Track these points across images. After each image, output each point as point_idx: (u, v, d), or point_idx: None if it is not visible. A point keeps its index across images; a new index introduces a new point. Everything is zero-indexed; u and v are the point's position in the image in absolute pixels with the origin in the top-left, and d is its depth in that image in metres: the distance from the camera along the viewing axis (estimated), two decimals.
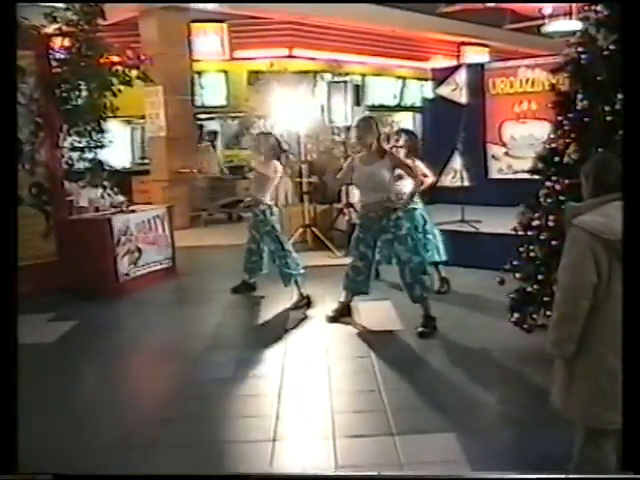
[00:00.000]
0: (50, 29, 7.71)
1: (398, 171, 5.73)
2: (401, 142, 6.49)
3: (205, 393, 4.49)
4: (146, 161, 13.83)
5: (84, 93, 7.76)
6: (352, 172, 5.68)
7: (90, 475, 3.28)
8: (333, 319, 5.90)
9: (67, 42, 7.74)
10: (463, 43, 18.26)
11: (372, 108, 14.71)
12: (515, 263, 4.80)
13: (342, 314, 5.92)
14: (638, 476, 2.28)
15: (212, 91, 14.52)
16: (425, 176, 6.47)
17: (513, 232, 4.88)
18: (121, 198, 7.90)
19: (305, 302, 6.51)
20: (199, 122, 14.28)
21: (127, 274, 7.43)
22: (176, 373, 4.95)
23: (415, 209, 6.49)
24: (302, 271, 6.62)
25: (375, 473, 3.27)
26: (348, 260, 5.91)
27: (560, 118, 4.67)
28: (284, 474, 3.43)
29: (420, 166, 6.46)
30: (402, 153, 6.35)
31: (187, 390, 4.58)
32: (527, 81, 9.62)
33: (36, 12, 7.50)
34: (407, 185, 6.02)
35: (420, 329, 5.43)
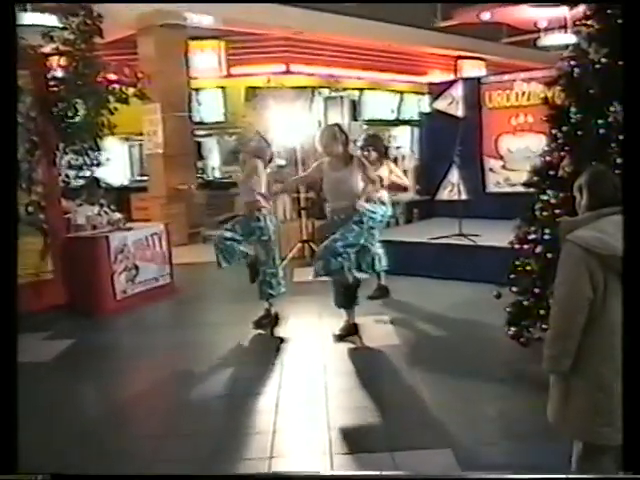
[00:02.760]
0: (47, 48, 7.76)
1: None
2: (371, 149, 6.71)
3: (202, 410, 4.47)
4: (144, 178, 13.86)
5: (81, 111, 7.79)
6: (320, 177, 5.73)
7: (90, 475, 3.25)
8: (339, 338, 5.79)
9: (64, 61, 7.78)
10: (460, 57, 18.37)
11: (370, 122, 14.76)
12: (512, 277, 4.79)
13: (348, 333, 5.81)
14: (638, 476, 2.26)
15: (210, 107, 14.58)
16: (399, 178, 6.84)
17: (510, 246, 4.88)
18: (118, 215, 7.89)
19: (270, 320, 6.23)
20: (196, 139, 14.32)
21: (124, 291, 7.41)
22: (173, 390, 4.93)
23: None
24: (283, 290, 6.36)
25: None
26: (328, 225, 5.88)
27: (554, 131, 4.68)
28: (284, 474, 3.40)
29: (395, 170, 6.79)
30: (373, 157, 6.64)
31: (184, 407, 4.55)
32: (523, 94, 9.64)
33: (34, 32, 7.54)
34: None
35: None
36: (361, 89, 15.98)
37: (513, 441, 3.84)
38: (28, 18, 7.28)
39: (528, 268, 4.60)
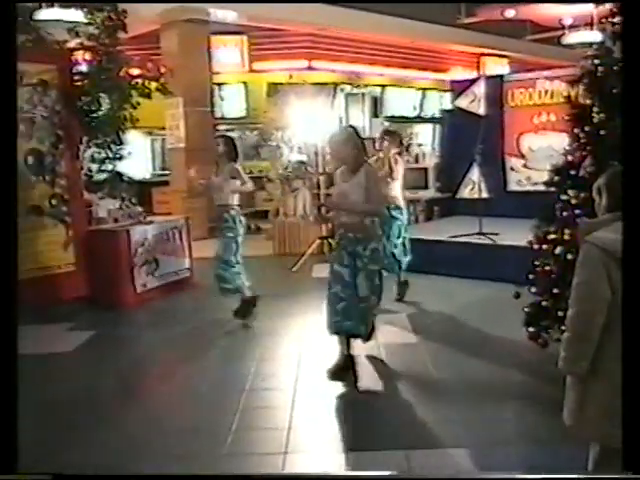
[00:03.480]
0: (72, 43, 7.85)
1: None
2: (385, 144, 6.61)
3: (219, 404, 4.50)
4: (166, 172, 13.95)
5: (104, 105, 7.87)
6: None
7: (90, 475, 3.29)
8: (331, 375, 4.80)
9: (88, 56, 7.87)
10: (483, 54, 18.23)
11: (391, 119, 14.73)
12: (531, 277, 4.76)
13: (343, 367, 4.81)
14: (638, 476, 2.25)
15: (231, 103, 14.63)
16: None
17: (529, 245, 4.85)
18: (139, 209, 7.97)
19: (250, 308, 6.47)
20: (218, 133, 14.37)
21: (145, 285, 7.48)
22: (189, 384, 4.97)
23: (395, 219, 6.60)
24: (246, 285, 6.51)
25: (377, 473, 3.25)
26: (331, 259, 5.04)
27: (576, 131, 4.64)
28: (284, 474, 3.42)
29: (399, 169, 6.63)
30: (388, 150, 6.55)
31: (200, 401, 4.59)
32: (546, 93, 9.56)
33: (60, 27, 7.63)
34: (396, 188, 6.32)
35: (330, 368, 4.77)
36: (383, 86, 15.94)
37: (529, 443, 3.82)
38: (54, 14, 7.36)
39: (547, 268, 4.57)
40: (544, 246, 4.65)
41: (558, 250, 4.47)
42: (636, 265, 2.36)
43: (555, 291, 4.46)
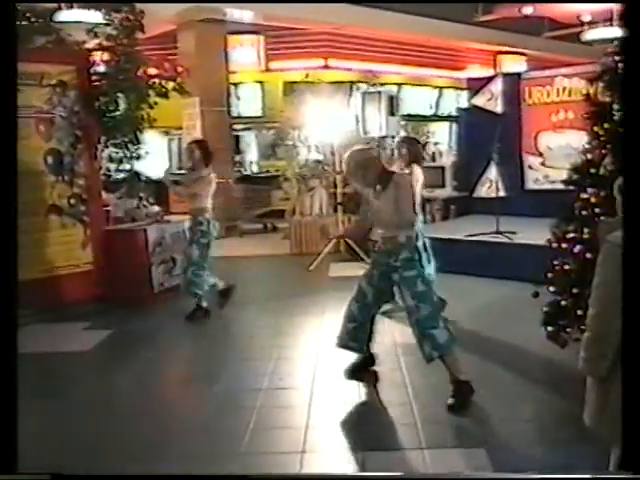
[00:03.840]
0: (91, 44, 7.90)
1: None
2: (404, 151, 6.33)
3: (235, 403, 4.51)
4: (183, 171, 14.01)
5: (122, 105, 7.92)
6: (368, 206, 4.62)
7: (90, 475, 3.31)
8: (349, 374, 4.74)
9: (107, 56, 7.91)
10: (500, 52, 18.14)
11: (408, 118, 14.69)
12: (549, 276, 4.72)
13: (362, 368, 4.75)
14: (638, 476, 2.23)
15: (248, 102, 14.70)
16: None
17: (547, 244, 4.81)
18: (157, 208, 8.01)
19: (204, 313, 6.54)
20: (235, 133, 14.43)
21: (162, 284, 7.52)
22: (207, 383, 4.98)
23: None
24: (206, 287, 6.58)
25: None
26: (362, 276, 4.75)
27: (596, 129, 4.59)
28: (284, 474, 3.42)
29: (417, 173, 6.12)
30: (405, 158, 6.20)
31: (217, 400, 4.61)
32: (564, 90, 9.48)
33: (79, 28, 7.71)
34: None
35: (449, 401, 4.27)
36: (399, 84, 15.91)
37: (547, 443, 3.79)
38: (74, 15, 7.42)
39: (566, 267, 4.53)
40: (563, 245, 4.61)
41: (577, 249, 4.43)
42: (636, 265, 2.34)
43: (574, 290, 4.42)
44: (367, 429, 4.04)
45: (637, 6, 2.47)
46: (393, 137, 8.66)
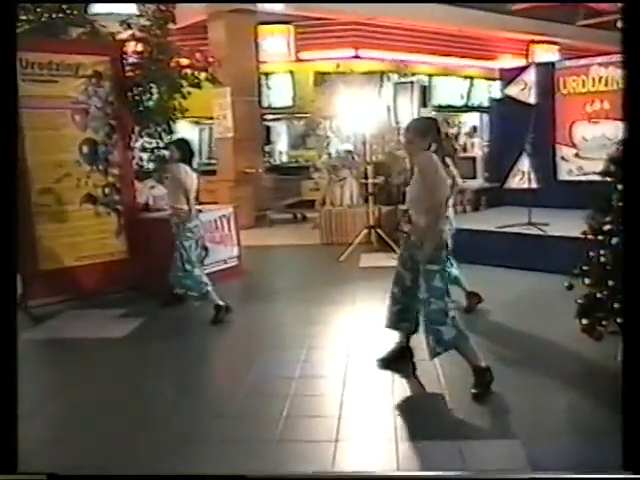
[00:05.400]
0: (124, 35, 7.99)
1: None
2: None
3: (268, 391, 4.56)
4: (213, 161, 14.11)
5: (155, 96, 8.00)
6: None
7: (89, 475, 3.37)
8: (383, 363, 4.84)
9: (140, 47, 8.00)
10: (532, 41, 17.90)
11: (439, 108, 14.60)
12: (584, 268, 4.68)
13: (398, 356, 4.84)
14: (638, 476, 2.22)
15: (278, 92, 14.72)
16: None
17: (582, 236, 4.76)
18: None
19: (223, 313, 6.29)
20: (265, 123, 14.48)
21: None
22: (240, 371, 5.04)
23: None
24: (208, 289, 6.39)
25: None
26: (397, 259, 4.76)
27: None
28: (283, 474, 3.44)
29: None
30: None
31: (250, 388, 4.66)
32: (600, 79, 9.33)
33: (113, 20, 7.80)
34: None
35: (473, 390, 4.29)
36: (430, 74, 15.81)
37: (579, 437, 3.78)
38: (107, 7, 7.51)
39: (602, 260, 4.49)
40: (599, 237, 4.56)
41: (614, 241, 4.38)
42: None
43: (610, 283, 4.37)
44: (401, 419, 4.05)
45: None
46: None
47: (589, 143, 9.38)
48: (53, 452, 3.79)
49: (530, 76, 8.67)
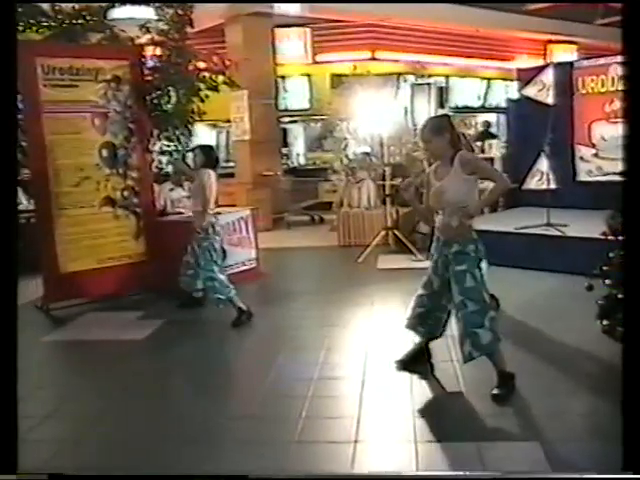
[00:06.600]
0: (143, 39, 8.06)
1: None
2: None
3: (287, 393, 4.57)
4: (231, 164, 14.17)
5: (173, 99, 8.05)
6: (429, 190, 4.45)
7: (90, 475, 3.39)
8: (401, 365, 4.77)
9: (158, 51, 8.06)
10: (550, 41, 17.78)
11: (456, 110, 14.55)
12: (605, 269, 4.65)
13: (415, 359, 4.77)
14: (638, 476, 2.21)
15: (295, 95, 14.75)
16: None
17: (602, 237, 4.74)
18: None
19: (246, 316, 6.32)
20: (282, 125, 14.52)
21: None
22: (259, 372, 5.06)
23: None
24: (232, 293, 6.38)
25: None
26: (429, 264, 4.62)
27: None
28: (283, 475, 3.44)
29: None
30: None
31: (269, 389, 4.68)
32: (620, 79, 9.26)
33: (132, 24, 7.87)
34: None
35: (494, 391, 4.26)
36: (447, 76, 15.77)
37: (596, 439, 3.75)
38: (127, 12, 7.58)
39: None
40: (619, 237, 4.54)
41: None
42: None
43: None
44: (420, 420, 4.05)
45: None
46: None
47: (608, 143, 9.30)
48: (77, 452, 3.83)
49: (548, 76, 8.61)
